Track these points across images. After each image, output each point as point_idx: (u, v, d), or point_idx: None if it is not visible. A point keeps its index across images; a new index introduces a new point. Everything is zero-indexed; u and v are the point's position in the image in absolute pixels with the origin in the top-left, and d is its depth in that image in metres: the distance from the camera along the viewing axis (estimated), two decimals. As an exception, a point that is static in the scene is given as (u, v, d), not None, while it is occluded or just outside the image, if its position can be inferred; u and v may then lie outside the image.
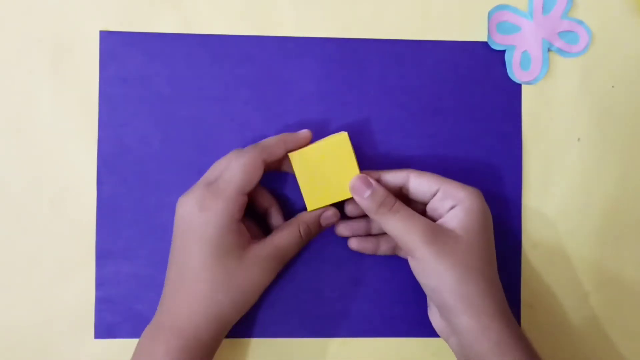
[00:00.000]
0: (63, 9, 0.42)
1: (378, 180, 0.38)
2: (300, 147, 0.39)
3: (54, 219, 0.42)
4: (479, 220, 0.36)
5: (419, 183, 0.37)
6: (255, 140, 0.42)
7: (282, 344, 0.42)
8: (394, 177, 0.38)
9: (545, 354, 0.43)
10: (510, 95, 0.43)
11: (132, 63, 0.42)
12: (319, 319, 0.42)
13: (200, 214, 0.36)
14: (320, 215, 0.39)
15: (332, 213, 0.39)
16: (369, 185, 0.37)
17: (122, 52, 0.42)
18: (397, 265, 0.42)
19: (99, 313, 0.42)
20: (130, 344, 0.42)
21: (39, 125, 0.42)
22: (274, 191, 0.42)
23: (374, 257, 0.42)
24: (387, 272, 0.43)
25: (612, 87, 0.44)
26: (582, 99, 0.44)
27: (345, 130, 0.42)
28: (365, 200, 0.37)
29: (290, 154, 0.39)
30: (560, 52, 0.43)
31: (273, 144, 0.38)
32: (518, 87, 0.43)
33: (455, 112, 0.43)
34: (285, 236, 0.38)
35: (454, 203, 0.37)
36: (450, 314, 0.35)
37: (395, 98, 0.43)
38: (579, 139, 0.44)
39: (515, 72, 0.43)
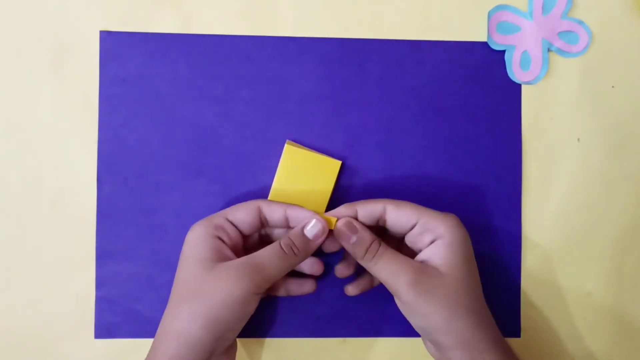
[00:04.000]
0: (63, 9, 0.42)
1: (355, 216, 0.37)
2: (299, 222, 0.37)
3: (54, 219, 0.42)
4: (461, 253, 0.36)
5: (396, 216, 0.37)
6: (255, 140, 0.42)
7: (282, 344, 0.42)
8: (371, 210, 0.37)
9: (545, 354, 0.43)
10: (510, 95, 0.43)
11: (132, 63, 0.42)
12: (319, 319, 0.42)
13: (187, 236, 0.37)
14: (302, 227, 0.37)
15: (315, 222, 0.37)
16: (354, 230, 0.36)
17: (122, 52, 0.42)
18: (397, 265, 0.42)
19: (99, 313, 0.42)
20: (130, 344, 0.42)
21: (39, 125, 0.42)
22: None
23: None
24: (387, 272, 0.43)
25: (612, 87, 0.44)
26: (582, 99, 0.44)
27: (344, 131, 0.42)
28: (351, 246, 0.37)
29: (287, 143, 0.41)
30: (560, 52, 0.43)
31: (275, 202, 0.38)
32: (518, 87, 0.43)
33: (455, 112, 0.43)
34: (264, 250, 0.36)
35: (433, 237, 0.36)
36: (443, 349, 0.36)
37: (395, 98, 0.43)
38: (579, 139, 0.44)
39: (515, 72, 0.43)
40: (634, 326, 0.44)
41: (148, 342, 0.42)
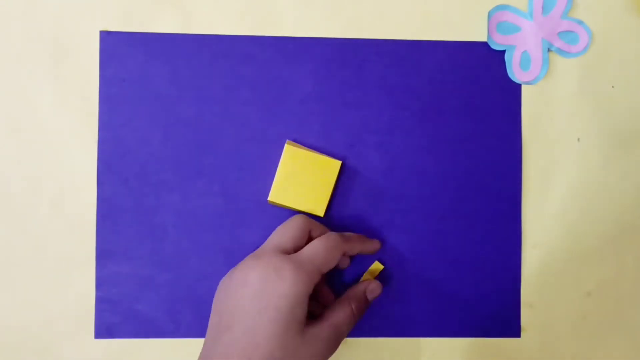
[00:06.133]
0: (63, 9, 0.42)
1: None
2: (368, 252, 0.41)
3: (54, 219, 0.42)
4: None
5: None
6: (255, 140, 0.42)
7: (282, 344, 0.42)
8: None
9: (545, 354, 0.43)
10: (510, 95, 0.43)
11: (132, 63, 0.42)
12: (319, 319, 0.42)
13: (278, 282, 0.34)
14: (365, 290, 0.40)
15: (375, 285, 0.40)
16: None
17: (122, 52, 0.42)
18: (397, 265, 0.42)
19: (99, 313, 0.42)
20: (130, 344, 0.42)
21: (39, 125, 0.42)
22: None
23: (374, 257, 0.42)
24: (387, 272, 0.43)
25: (612, 87, 0.44)
26: (582, 99, 0.44)
27: (344, 131, 0.42)
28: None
29: (287, 143, 0.41)
30: (560, 52, 0.43)
31: (354, 238, 0.39)
32: (518, 87, 0.43)
33: (455, 112, 0.43)
34: (340, 315, 0.37)
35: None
36: None
37: (395, 98, 0.43)
38: (579, 139, 0.44)
39: (515, 72, 0.43)
40: (634, 326, 0.43)
41: (148, 342, 0.42)
